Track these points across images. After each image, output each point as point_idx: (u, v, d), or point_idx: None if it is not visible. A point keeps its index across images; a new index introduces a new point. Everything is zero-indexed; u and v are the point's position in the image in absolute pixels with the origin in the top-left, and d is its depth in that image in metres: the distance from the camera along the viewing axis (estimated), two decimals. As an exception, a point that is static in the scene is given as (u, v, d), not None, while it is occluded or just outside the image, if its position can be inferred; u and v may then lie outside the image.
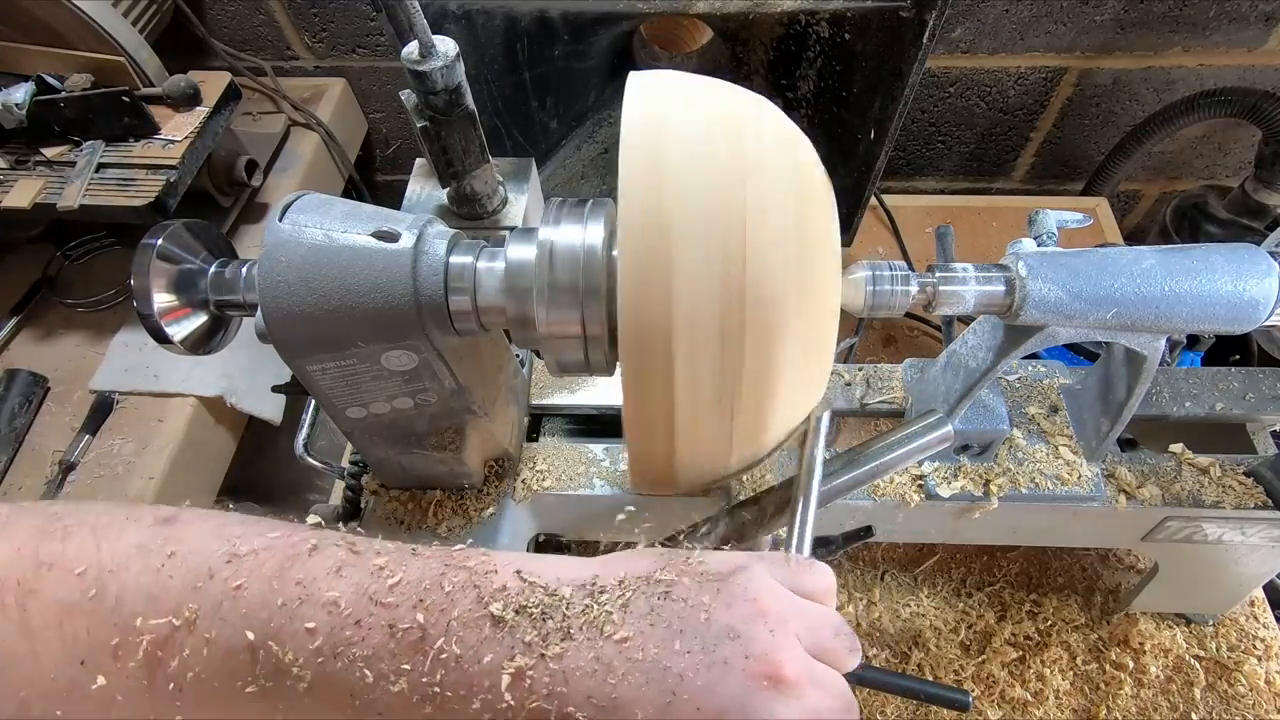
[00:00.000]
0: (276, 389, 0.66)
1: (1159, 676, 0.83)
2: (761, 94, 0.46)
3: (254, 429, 1.10)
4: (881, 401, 0.70)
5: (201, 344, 0.51)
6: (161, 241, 0.48)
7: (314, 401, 0.65)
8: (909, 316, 1.18)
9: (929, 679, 0.83)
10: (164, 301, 0.48)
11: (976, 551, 0.92)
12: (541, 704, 0.34)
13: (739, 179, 0.41)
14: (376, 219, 0.47)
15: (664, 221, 0.39)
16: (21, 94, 0.96)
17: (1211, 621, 0.85)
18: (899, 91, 0.85)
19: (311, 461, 0.64)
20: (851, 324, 1.13)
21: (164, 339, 0.49)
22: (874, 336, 1.17)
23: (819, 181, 0.46)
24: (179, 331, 0.49)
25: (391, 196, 1.52)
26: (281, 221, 0.46)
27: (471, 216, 0.73)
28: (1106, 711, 0.81)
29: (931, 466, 0.66)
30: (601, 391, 0.72)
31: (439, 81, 0.60)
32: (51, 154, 0.99)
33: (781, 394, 0.44)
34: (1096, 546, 0.90)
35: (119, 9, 1.03)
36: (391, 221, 0.46)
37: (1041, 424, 0.68)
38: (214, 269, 0.50)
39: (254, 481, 1.16)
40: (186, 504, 0.40)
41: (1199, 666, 0.83)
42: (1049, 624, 0.86)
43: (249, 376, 1.04)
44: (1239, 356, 1.18)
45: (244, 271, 0.49)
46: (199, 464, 1.01)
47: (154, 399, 1.00)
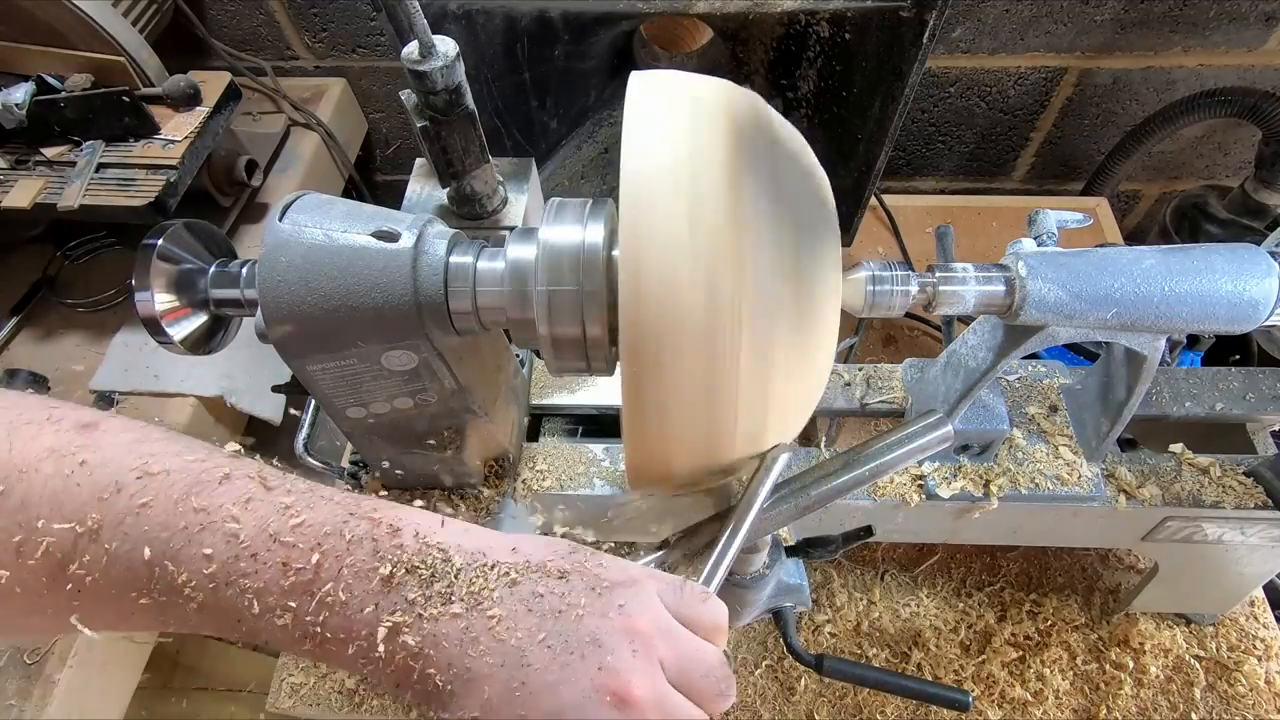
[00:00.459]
0: (276, 389, 0.66)
1: (1159, 676, 0.83)
2: (761, 94, 0.46)
3: (254, 429, 1.10)
4: (881, 401, 0.70)
5: (201, 344, 0.51)
6: (162, 242, 0.48)
7: (314, 401, 0.65)
8: (909, 316, 1.18)
9: (929, 679, 0.83)
10: (164, 301, 0.48)
11: (976, 551, 0.92)
12: (408, 660, 0.36)
13: (739, 180, 0.41)
14: (376, 219, 0.46)
15: (664, 221, 0.39)
16: (21, 94, 0.96)
17: (1211, 621, 0.85)
18: (899, 91, 0.85)
19: (311, 461, 0.64)
20: (851, 324, 1.13)
21: (164, 339, 0.49)
22: (874, 336, 1.17)
23: (818, 181, 0.46)
24: (179, 331, 0.49)
25: (391, 196, 1.52)
26: (281, 221, 0.46)
27: (471, 216, 0.73)
28: (1106, 711, 0.81)
29: (931, 466, 0.66)
30: (601, 391, 0.72)
31: (439, 81, 0.60)
32: (51, 154, 0.99)
33: (782, 394, 0.44)
34: (1096, 546, 0.90)
35: (119, 9, 1.03)
36: (391, 221, 0.46)
37: (1041, 424, 0.68)
38: (214, 269, 0.50)
39: (254, 481, 1.16)
40: (113, 412, 0.41)
41: (1199, 666, 0.83)
42: (1049, 624, 0.86)
43: (249, 376, 1.04)
44: (1239, 356, 1.18)
45: (244, 271, 0.49)
46: (199, 464, 1.01)
47: (154, 399, 1.00)
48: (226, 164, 1.10)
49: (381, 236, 0.45)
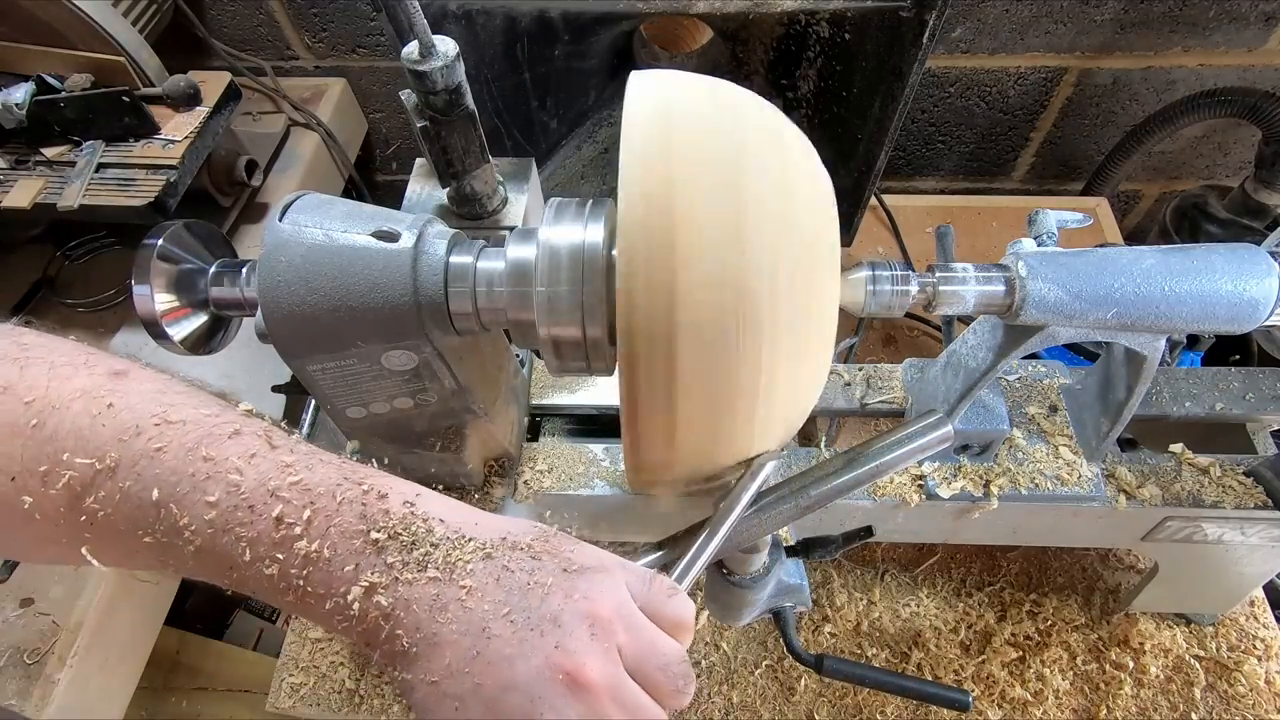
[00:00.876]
0: (276, 389, 0.66)
1: (1159, 676, 0.83)
2: (761, 94, 0.46)
3: (254, 429, 1.10)
4: (881, 401, 0.70)
5: (201, 344, 0.51)
6: (162, 242, 0.48)
7: (314, 401, 0.65)
8: (909, 316, 1.18)
9: (929, 679, 0.83)
10: (164, 301, 0.48)
11: (976, 551, 0.92)
12: (380, 619, 0.37)
13: (739, 179, 0.41)
14: (376, 219, 0.47)
15: (664, 221, 0.39)
16: (21, 94, 0.96)
17: (1211, 621, 0.85)
18: (899, 91, 0.85)
19: (311, 461, 0.64)
20: (851, 324, 1.13)
21: (164, 339, 0.49)
22: (874, 336, 1.17)
23: (819, 182, 0.46)
24: (179, 331, 0.49)
25: (391, 196, 1.52)
26: (281, 221, 0.46)
27: (471, 216, 0.73)
28: (1106, 711, 0.81)
29: (931, 466, 0.66)
30: (601, 391, 0.72)
31: (439, 81, 0.60)
32: (51, 154, 0.99)
33: (781, 394, 0.44)
34: (1096, 546, 0.90)
35: (119, 9, 1.03)
36: (391, 221, 0.46)
37: (1041, 424, 0.68)
38: (214, 269, 0.50)
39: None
40: (144, 363, 0.44)
41: (1199, 666, 0.83)
42: (1049, 624, 0.86)
43: (249, 376, 1.04)
44: (1239, 356, 1.18)
45: (244, 271, 0.49)
46: (199, 464, 1.01)
47: (154, 399, 1.00)
48: (226, 164, 1.10)
49: (381, 236, 0.45)
